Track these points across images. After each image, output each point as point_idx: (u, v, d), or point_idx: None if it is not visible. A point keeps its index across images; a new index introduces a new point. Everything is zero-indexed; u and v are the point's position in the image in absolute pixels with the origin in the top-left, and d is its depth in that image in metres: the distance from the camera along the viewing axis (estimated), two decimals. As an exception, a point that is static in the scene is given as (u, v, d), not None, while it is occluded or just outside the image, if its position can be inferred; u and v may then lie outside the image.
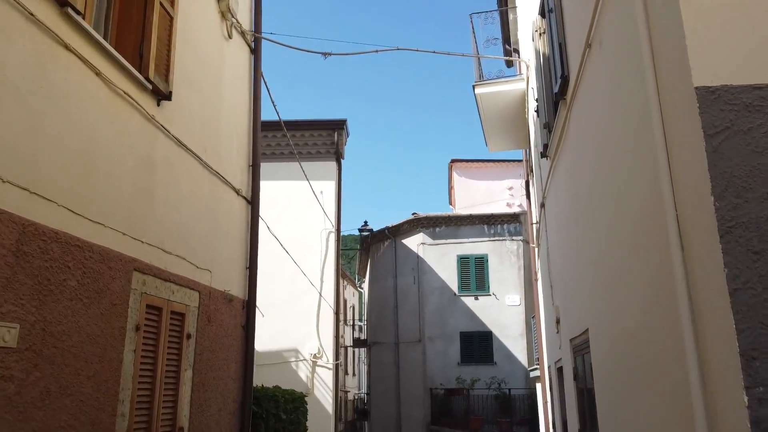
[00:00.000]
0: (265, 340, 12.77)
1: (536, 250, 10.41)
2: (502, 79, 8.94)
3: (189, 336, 4.74)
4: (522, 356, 18.88)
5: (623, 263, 3.17)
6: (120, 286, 3.85)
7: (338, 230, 13.73)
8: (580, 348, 4.86)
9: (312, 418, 12.46)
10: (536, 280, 10.79)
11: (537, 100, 6.37)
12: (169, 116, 4.62)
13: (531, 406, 16.85)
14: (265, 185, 14.26)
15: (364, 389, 33.76)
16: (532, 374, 12.35)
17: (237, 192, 5.92)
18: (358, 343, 26.86)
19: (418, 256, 20.30)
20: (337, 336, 13.17)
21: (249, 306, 5.88)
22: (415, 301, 20.05)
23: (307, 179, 12.28)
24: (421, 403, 19.02)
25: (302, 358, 12.78)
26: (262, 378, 12.63)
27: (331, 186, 13.85)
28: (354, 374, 40.39)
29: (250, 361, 5.73)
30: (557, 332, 6.40)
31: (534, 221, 9.17)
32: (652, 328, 2.63)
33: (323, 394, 12.58)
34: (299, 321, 12.98)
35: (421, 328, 19.56)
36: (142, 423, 4.08)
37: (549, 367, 8.93)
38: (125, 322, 3.90)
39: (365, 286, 29.45)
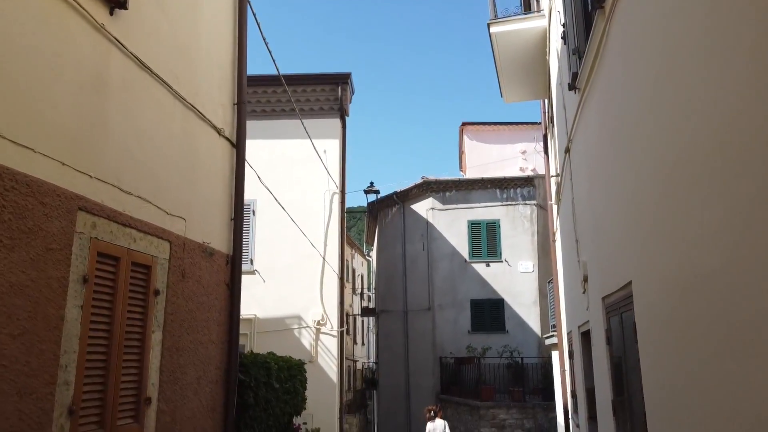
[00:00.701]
0: (266, 306, 12.18)
1: (555, 207, 9.62)
2: (520, 16, 8.04)
3: (157, 292, 4.05)
4: (535, 324, 18.24)
5: (692, 196, 2.41)
6: (59, 228, 3.14)
7: (343, 191, 12.99)
8: (617, 306, 4.13)
9: (315, 387, 11.90)
10: (554, 240, 10.02)
11: (564, 25, 5.53)
12: (126, 30, 3.85)
13: (544, 375, 16.26)
14: (264, 144, 13.57)
15: (372, 359, 33.41)
16: (548, 342, 11.69)
17: (219, 132, 5.17)
18: (366, 311, 26.34)
19: (427, 222, 19.57)
20: (341, 302, 12.53)
21: (234, 262, 5.18)
22: (424, 269, 19.39)
23: (310, 138, 11.51)
24: (430, 372, 18.50)
25: (305, 325, 12.17)
26: (263, 345, 12.04)
27: (335, 145, 13.07)
28: (363, 344, 40.15)
29: (236, 323, 5.05)
30: (584, 292, 5.66)
31: (554, 174, 8.37)
32: (746, 269, 1.87)
33: (327, 362, 12.00)
34: (302, 287, 12.35)
35: (431, 296, 18.94)
36: (94, 393, 3.41)
37: (569, 333, 8.23)
38: (67, 272, 3.19)
39: (373, 254, 28.85)
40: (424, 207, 19.81)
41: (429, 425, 13.60)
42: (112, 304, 3.59)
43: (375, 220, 23.21)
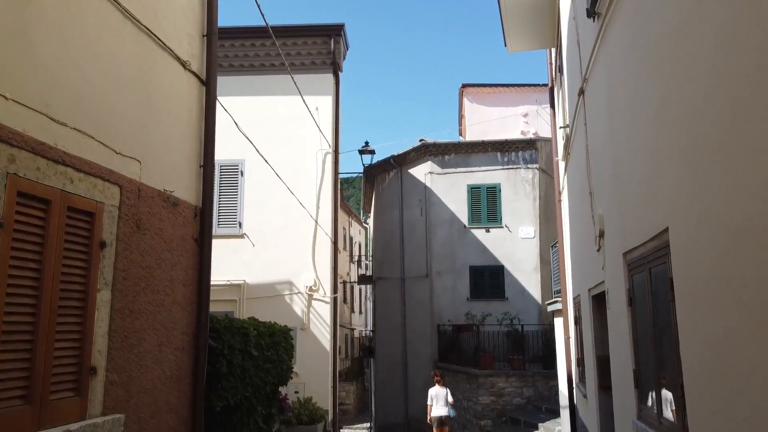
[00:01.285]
0: (256, 272, 11.63)
1: (561, 165, 8.98)
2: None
3: (104, 244, 3.44)
4: (535, 292, 17.76)
5: (748, 121, 1.78)
6: (-41, 158, 2.50)
7: (336, 152, 12.32)
8: (643, 261, 3.52)
9: (308, 355, 11.43)
10: (559, 201, 9.40)
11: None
12: (55, -77, 3.15)
13: (545, 343, 15.84)
14: (252, 101, 12.83)
15: (370, 327, 33.09)
16: (551, 308, 11.18)
17: (184, 65, 4.49)
18: (363, 279, 25.88)
19: (425, 187, 18.93)
20: (335, 267, 11.97)
21: (203, 214, 4.56)
22: (422, 235, 18.82)
23: (300, 94, 10.79)
24: (428, 340, 18.08)
25: (297, 292, 11.64)
26: (253, 312, 11.51)
27: (327, 102, 12.34)
28: (361, 312, 39.92)
29: (206, 283, 4.46)
30: (598, 250, 5.06)
31: (562, 125, 7.70)
32: None
33: (320, 329, 11.50)
34: (294, 251, 11.78)
35: (429, 263, 18.41)
36: (17, 362, 2.81)
37: (576, 297, 7.66)
38: (-28, 214, 2.57)
39: (370, 221, 28.29)
40: (422, 171, 19.14)
41: (431, 391, 13.27)
42: (41, 256, 2.97)
43: (372, 186, 22.56)
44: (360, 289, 39.40)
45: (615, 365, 4.62)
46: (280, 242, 11.80)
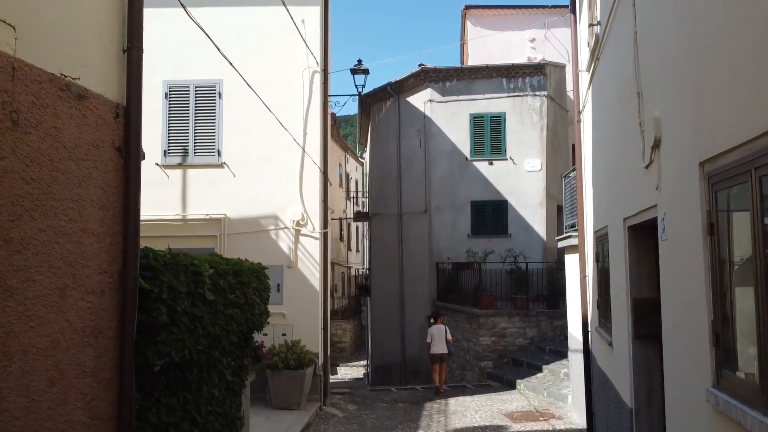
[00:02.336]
0: (238, 205, 10.55)
1: (583, 77, 7.71)
2: None
3: (-51, 142, 2.30)
4: (540, 228, 16.78)
5: None
6: None
7: (326, 70, 10.98)
8: (743, 169, 2.40)
9: (295, 295, 10.49)
10: (579, 120, 8.19)
11: None
12: None
13: (550, 282, 14.98)
14: (230, 12, 11.31)
15: (367, 265, 32.40)
16: (561, 244, 10.17)
17: None
18: (359, 216, 24.86)
19: (425, 116, 17.61)
20: (324, 200, 10.87)
21: (130, 115, 3.39)
22: (420, 168, 17.65)
23: (284, 3, 9.36)
24: (426, 278, 17.23)
25: (283, 227, 10.58)
26: (234, 249, 10.47)
27: (315, 13, 10.90)
28: (358, 250, 39.22)
29: (134, 207, 3.35)
30: (648, 165, 3.93)
31: (592, 22, 6.38)
32: None
33: (309, 267, 10.51)
34: (279, 183, 10.64)
35: (428, 198, 17.33)
36: None
37: (599, 230, 6.59)
38: None
39: (366, 156, 27.03)
40: (421, 99, 17.76)
41: (430, 329, 12.86)
42: None
43: (367, 117, 21.19)
44: (357, 227, 38.55)
45: (670, 312, 3.57)
46: (264, 172, 10.66)
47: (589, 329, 7.86)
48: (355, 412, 10.27)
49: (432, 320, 13.02)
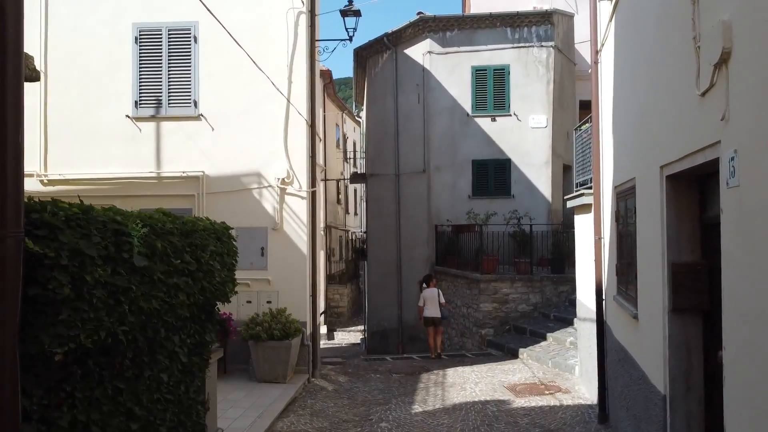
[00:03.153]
0: (217, 161, 9.63)
1: (604, 7, 6.69)
2: None
3: None
4: (545, 188, 15.87)
5: None
6: None
7: (312, 11, 9.89)
8: None
9: (281, 260, 9.64)
10: (597, 62, 7.19)
11: None
12: None
13: (555, 245, 14.15)
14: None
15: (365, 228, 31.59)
16: (571, 203, 9.28)
17: None
18: (355, 178, 23.90)
19: (423, 69, 16.51)
20: (312, 156, 9.94)
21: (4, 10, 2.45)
22: (419, 125, 16.64)
23: (264, -67, 8.26)
24: (424, 241, 16.41)
25: (267, 185, 9.67)
26: (214, 210, 9.57)
27: (299, -53, 9.77)
28: (356, 213, 38.39)
29: (14, 142, 2.44)
30: (704, 92, 3.01)
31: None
32: None
33: (295, 230, 9.65)
34: (261, 137, 9.70)
35: (426, 157, 16.37)
36: None
37: (625, 183, 5.69)
38: None
39: (363, 115, 25.92)
40: (420, 51, 16.63)
41: (423, 293, 12.60)
42: None
43: (363, 72, 20.05)
44: (355, 189, 37.64)
45: (737, 282, 2.69)
46: (246, 125, 9.70)
47: (604, 297, 7.03)
48: (347, 385, 9.54)
49: (424, 285, 12.79)
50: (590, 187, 8.17)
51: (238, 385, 8.83)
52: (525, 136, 15.90)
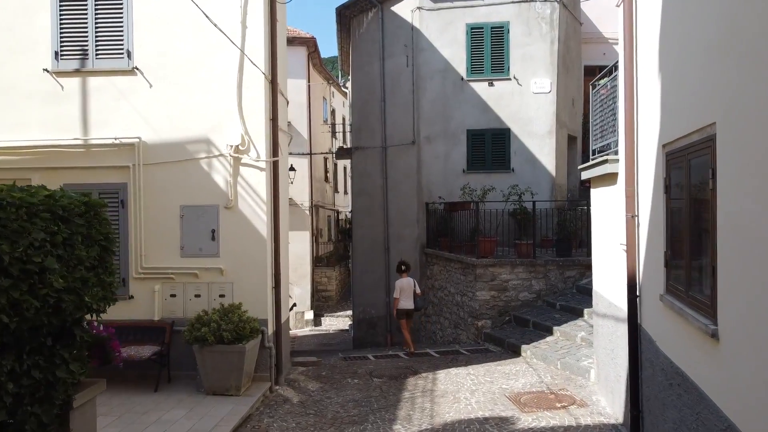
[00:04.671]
0: (157, 125, 7.90)
1: None
2: None
3: None
4: (548, 161, 14.18)
5: None
6: None
7: (271, -58, 8.08)
8: None
9: (235, 243, 7.91)
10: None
11: None
12: None
13: (560, 225, 12.49)
14: None
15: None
16: (587, 174, 7.61)
17: None
18: (341, 153, 22.08)
19: (412, 28, 14.69)
20: (274, 118, 8.21)
21: None
22: (408, 90, 14.87)
23: None
24: (414, 220, 14.75)
25: (217, 153, 7.95)
26: (153, 184, 7.81)
27: None
28: (346, 192, 36.62)
29: None
30: None
31: None
32: None
33: (253, 208, 7.95)
34: (210, 94, 7.96)
35: (416, 126, 14.64)
36: None
37: (682, 139, 4.01)
38: None
39: (350, 85, 24.04)
40: (408, 7, 14.79)
41: (397, 283, 11.54)
42: None
43: (348, 35, 18.16)
44: (345, 168, 35.85)
45: None
46: (191, 81, 7.95)
47: (639, 294, 5.40)
48: (317, 395, 7.93)
49: (403, 269, 11.64)
50: (614, 152, 6.51)
51: (181, 398, 7.21)
52: (526, 103, 14.17)
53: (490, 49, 14.21)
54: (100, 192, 7.90)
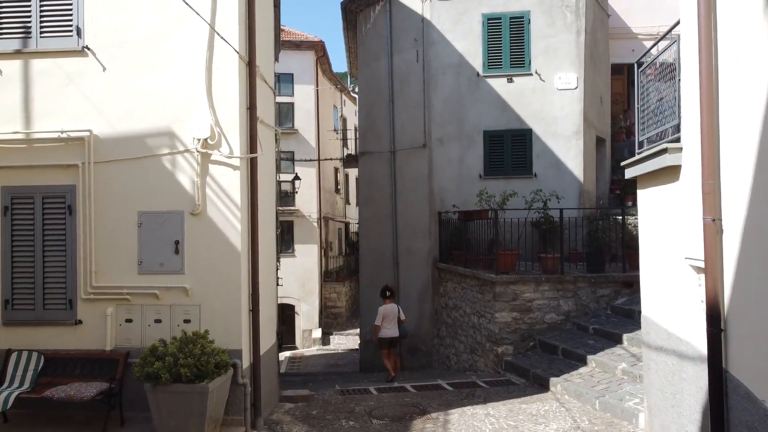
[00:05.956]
0: (111, 115, 6.57)
1: None
2: None
3: None
4: (575, 165, 12.70)
5: None
6: None
7: None
8: None
9: (204, 258, 6.46)
10: None
11: None
12: None
13: (591, 235, 10.97)
14: None
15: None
16: (634, 172, 6.13)
17: None
18: (349, 160, 20.82)
19: (423, 19, 13.36)
20: (252, 107, 6.87)
21: None
22: (418, 88, 13.51)
23: None
24: (425, 232, 13.31)
25: (182, 149, 6.60)
26: (107, 185, 6.33)
27: None
28: (357, 203, 35.25)
29: None
30: None
31: None
32: None
33: (225, 214, 6.57)
34: (174, 78, 6.63)
35: (427, 128, 13.26)
36: None
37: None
38: None
39: (358, 89, 22.79)
40: (418, -2, 13.49)
41: (380, 309, 10.77)
42: None
43: (354, 34, 16.90)
44: (356, 178, 34.54)
45: None
46: (152, 62, 6.64)
47: (723, 326, 3.91)
48: (301, 442, 6.49)
49: (387, 295, 10.89)
50: (675, 141, 5.05)
51: (129, 449, 5.82)
52: (550, 100, 12.72)
53: (508, 41, 12.81)
54: (44, 196, 6.61)
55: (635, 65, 6.50)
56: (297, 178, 23.02)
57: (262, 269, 7.13)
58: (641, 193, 6.27)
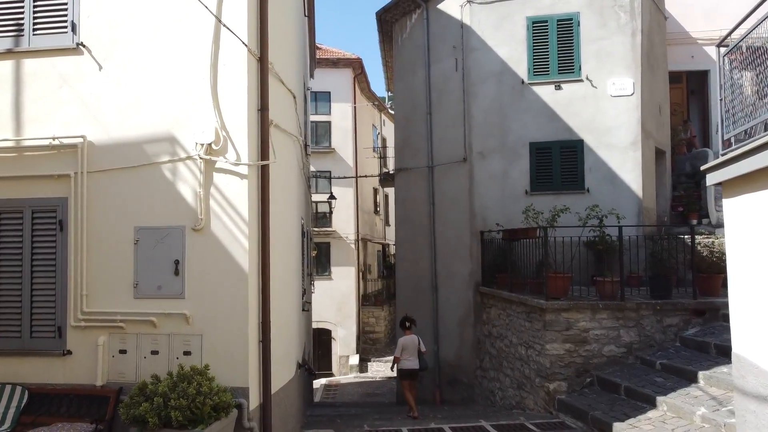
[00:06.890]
0: (107, 119, 5.83)
1: None
2: None
3: None
4: (633, 179, 11.45)
5: None
6: None
7: None
8: None
9: (207, 280, 5.47)
10: None
11: None
12: None
13: (654, 257, 9.69)
14: None
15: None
16: (719, 177, 5.00)
17: None
18: (386, 179, 19.91)
19: (462, 25, 12.47)
20: (263, 109, 6.04)
21: None
22: (457, 98, 12.56)
23: None
24: (466, 253, 12.23)
25: (184, 156, 5.81)
26: (100, 196, 5.50)
27: None
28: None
29: None
30: None
31: None
32: None
33: (231, 229, 5.72)
34: (176, 77, 5.87)
35: (467, 141, 12.27)
36: None
37: None
38: None
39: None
40: (456, 2, 12.62)
41: (400, 341, 10.22)
42: None
43: (390, 45, 16.15)
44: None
45: None
46: (151, 60, 5.91)
47: None
48: (316, 499, 5.48)
49: (407, 326, 10.41)
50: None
51: (112, 507, 4.92)
52: (603, 108, 11.57)
53: (556, 45, 11.76)
54: (33, 210, 5.91)
55: (716, 49, 5.39)
56: (332, 197, 22.28)
57: (278, 294, 6.23)
58: (729, 203, 5.11)
